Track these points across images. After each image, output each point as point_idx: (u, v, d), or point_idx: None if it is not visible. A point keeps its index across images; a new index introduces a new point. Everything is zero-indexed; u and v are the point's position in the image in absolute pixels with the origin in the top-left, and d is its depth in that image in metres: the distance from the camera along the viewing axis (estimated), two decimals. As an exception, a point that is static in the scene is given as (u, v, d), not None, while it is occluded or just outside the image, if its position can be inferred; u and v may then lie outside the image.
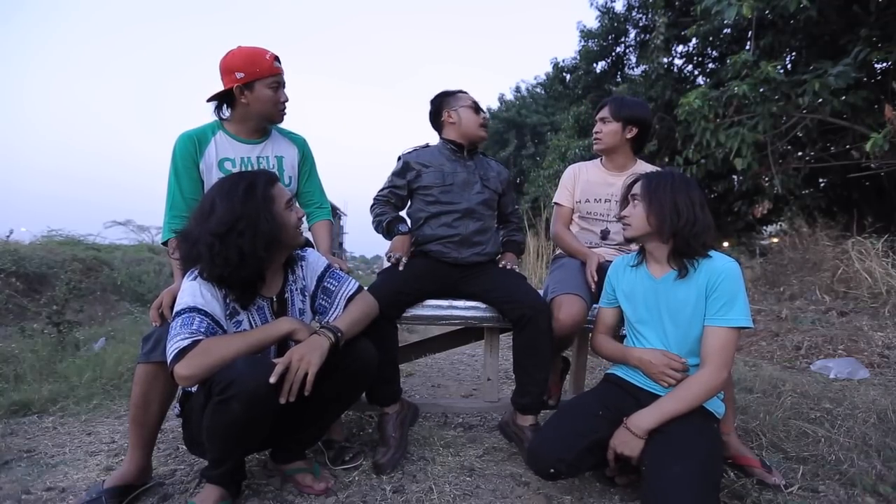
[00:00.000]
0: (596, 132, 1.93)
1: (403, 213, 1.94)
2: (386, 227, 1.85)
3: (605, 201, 1.90)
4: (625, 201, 1.45)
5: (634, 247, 1.59)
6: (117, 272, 8.37)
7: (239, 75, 1.53)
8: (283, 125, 1.74)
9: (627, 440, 1.25)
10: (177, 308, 1.21)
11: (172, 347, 1.14)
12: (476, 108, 1.88)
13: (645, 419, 1.25)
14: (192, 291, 1.21)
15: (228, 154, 1.61)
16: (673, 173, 1.41)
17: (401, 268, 1.71)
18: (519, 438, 1.63)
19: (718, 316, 1.29)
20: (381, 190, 1.92)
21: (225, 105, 1.62)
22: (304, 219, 1.39)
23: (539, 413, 1.67)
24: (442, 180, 1.82)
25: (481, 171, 1.90)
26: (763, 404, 2.07)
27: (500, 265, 1.86)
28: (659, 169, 1.61)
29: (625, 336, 1.53)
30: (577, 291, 1.63)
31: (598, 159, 2.02)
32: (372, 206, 1.93)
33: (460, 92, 1.92)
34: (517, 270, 1.85)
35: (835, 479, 1.45)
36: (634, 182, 1.43)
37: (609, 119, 1.88)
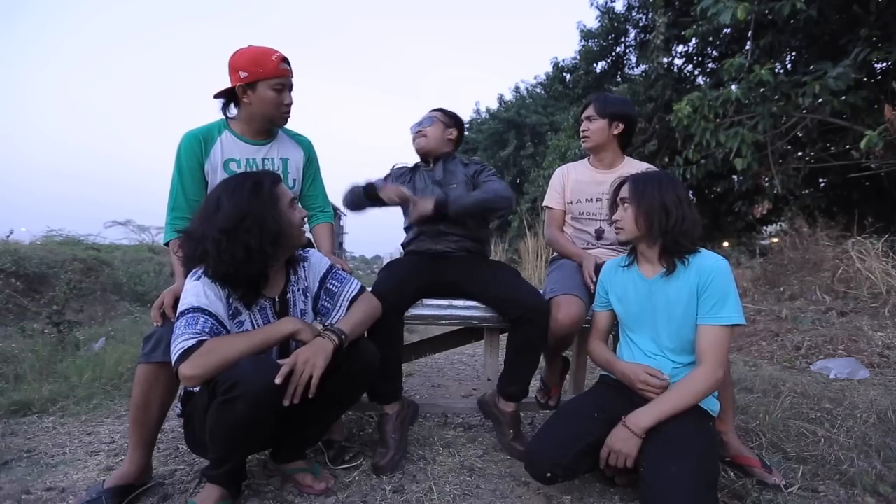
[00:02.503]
0: (583, 130, 1.95)
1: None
2: (364, 189, 1.85)
3: (597, 200, 1.91)
4: (614, 205, 1.46)
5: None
6: (118, 272, 8.35)
7: (243, 74, 1.52)
8: (294, 127, 1.74)
9: (626, 438, 1.25)
10: (181, 308, 1.21)
11: (177, 348, 1.14)
12: (416, 130, 1.98)
13: (643, 417, 1.25)
14: (196, 291, 1.21)
15: (234, 155, 1.61)
16: (659, 174, 1.43)
17: (406, 191, 1.76)
18: (498, 421, 1.73)
19: (711, 315, 1.30)
20: None
21: (232, 103, 1.61)
22: (305, 219, 1.39)
23: (521, 401, 1.75)
24: (411, 192, 1.92)
25: (446, 176, 1.93)
26: (763, 404, 2.06)
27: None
28: (646, 169, 1.61)
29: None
30: (576, 292, 1.63)
31: (587, 159, 2.03)
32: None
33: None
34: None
35: (835, 479, 1.45)
36: (621, 185, 1.44)
37: (595, 117, 1.91)
